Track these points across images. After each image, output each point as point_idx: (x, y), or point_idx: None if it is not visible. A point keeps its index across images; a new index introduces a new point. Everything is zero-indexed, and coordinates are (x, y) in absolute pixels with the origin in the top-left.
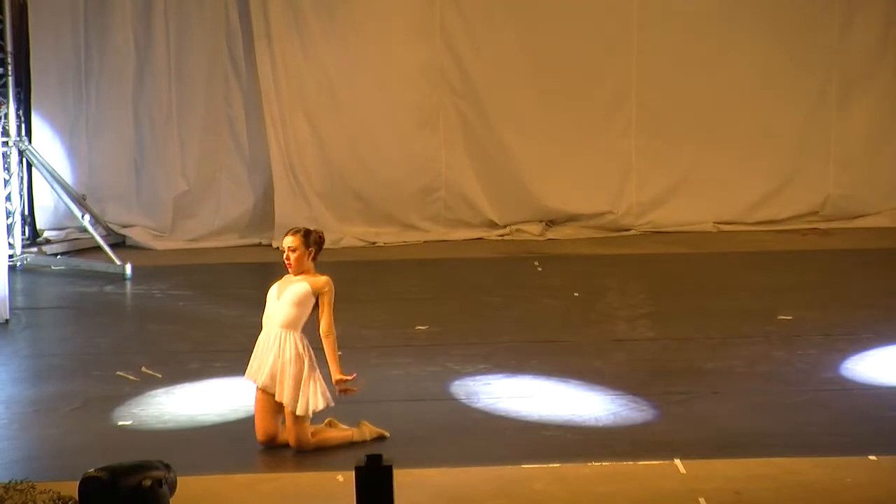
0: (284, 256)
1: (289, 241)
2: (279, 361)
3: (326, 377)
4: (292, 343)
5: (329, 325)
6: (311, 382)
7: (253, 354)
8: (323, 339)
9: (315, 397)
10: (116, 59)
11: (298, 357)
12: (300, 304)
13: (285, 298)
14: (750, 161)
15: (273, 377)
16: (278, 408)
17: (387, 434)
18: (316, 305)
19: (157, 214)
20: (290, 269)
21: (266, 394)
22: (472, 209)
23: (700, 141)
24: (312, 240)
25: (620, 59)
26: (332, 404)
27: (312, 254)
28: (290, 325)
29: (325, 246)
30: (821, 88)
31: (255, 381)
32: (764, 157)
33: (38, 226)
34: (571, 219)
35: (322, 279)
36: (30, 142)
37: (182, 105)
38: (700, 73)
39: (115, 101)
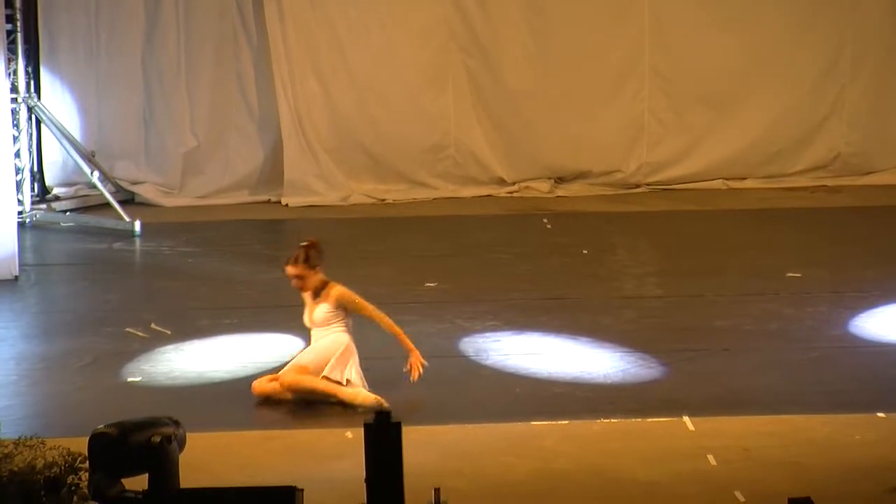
0: (293, 284)
1: (291, 272)
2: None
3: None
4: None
5: (379, 316)
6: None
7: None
8: (390, 330)
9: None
10: (126, 15)
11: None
12: (328, 322)
13: (319, 331)
14: (762, 122)
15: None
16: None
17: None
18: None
19: (166, 171)
20: (301, 291)
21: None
22: (482, 166)
23: (712, 103)
24: (312, 260)
25: (633, 19)
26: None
27: (318, 268)
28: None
29: (334, 204)
30: (835, 51)
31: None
32: (776, 117)
33: (47, 182)
34: (580, 176)
35: (337, 292)
36: (39, 98)
37: (191, 62)
38: (713, 36)
39: (125, 57)
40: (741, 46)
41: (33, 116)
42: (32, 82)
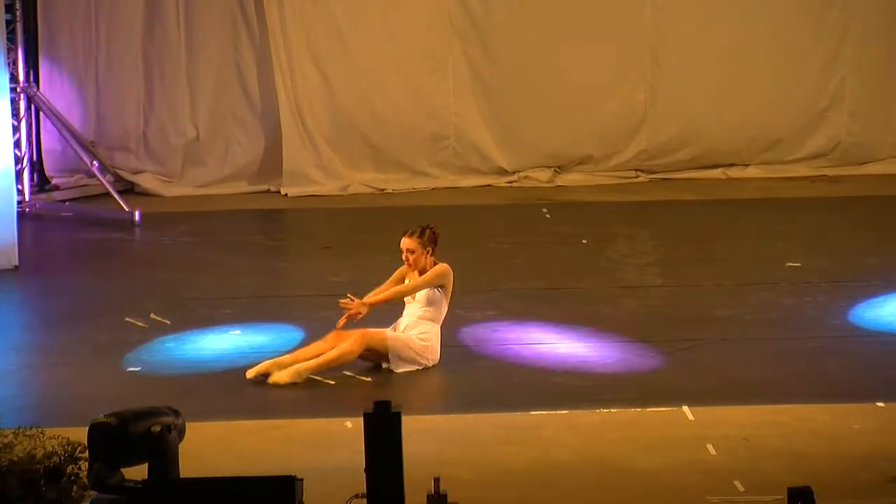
0: (403, 257)
1: (406, 244)
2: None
3: None
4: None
5: (406, 289)
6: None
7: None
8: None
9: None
10: (125, 4)
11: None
12: (429, 302)
13: (415, 306)
14: (763, 110)
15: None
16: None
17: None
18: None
19: (165, 161)
20: (409, 268)
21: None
22: (481, 156)
23: (713, 91)
24: (428, 239)
25: (634, 7)
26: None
27: (430, 251)
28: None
29: (334, 193)
30: (836, 41)
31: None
32: (777, 106)
33: (47, 172)
34: (580, 162)
35: (440, 270)
36: (38, 88)
37: (191, 51)
38: (714, 24)
39: (124, 46)
40: (742, 35)
41: (33, 106)
42: (32, 72)
